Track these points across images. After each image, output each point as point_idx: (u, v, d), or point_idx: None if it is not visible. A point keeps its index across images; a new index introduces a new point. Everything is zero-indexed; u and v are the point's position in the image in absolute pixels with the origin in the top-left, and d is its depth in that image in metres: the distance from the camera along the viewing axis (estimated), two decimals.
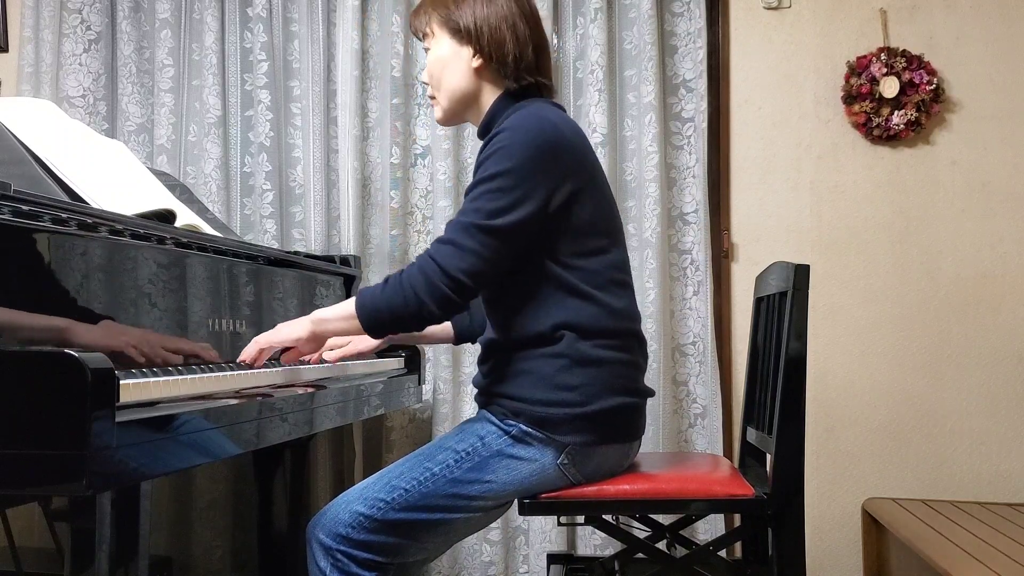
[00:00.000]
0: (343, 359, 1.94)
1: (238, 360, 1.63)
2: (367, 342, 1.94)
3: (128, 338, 1.51)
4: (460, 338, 2.00)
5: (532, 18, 1.67)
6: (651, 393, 1.67)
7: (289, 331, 1.61)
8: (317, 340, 1.62)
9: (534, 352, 1.57)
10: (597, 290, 1.57)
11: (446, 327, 1.99)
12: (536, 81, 1.66)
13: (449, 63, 1.66)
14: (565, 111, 1.68)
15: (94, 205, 1.65)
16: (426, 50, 1.72)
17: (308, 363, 1.86)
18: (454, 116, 1.72)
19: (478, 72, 1.65)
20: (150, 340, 1.57)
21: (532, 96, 1.66)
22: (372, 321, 1.54)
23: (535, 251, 1.56)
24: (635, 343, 1.63)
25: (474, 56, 1.64)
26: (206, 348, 1.74)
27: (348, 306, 1.57)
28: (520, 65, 1.63)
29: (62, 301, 1.39)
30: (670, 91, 2.76)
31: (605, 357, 1.57)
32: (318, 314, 1.61)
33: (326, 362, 1.87)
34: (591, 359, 1.55)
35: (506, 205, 1.50)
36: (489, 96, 1.67)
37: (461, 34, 1.64)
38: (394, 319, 1.53)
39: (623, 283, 1.62)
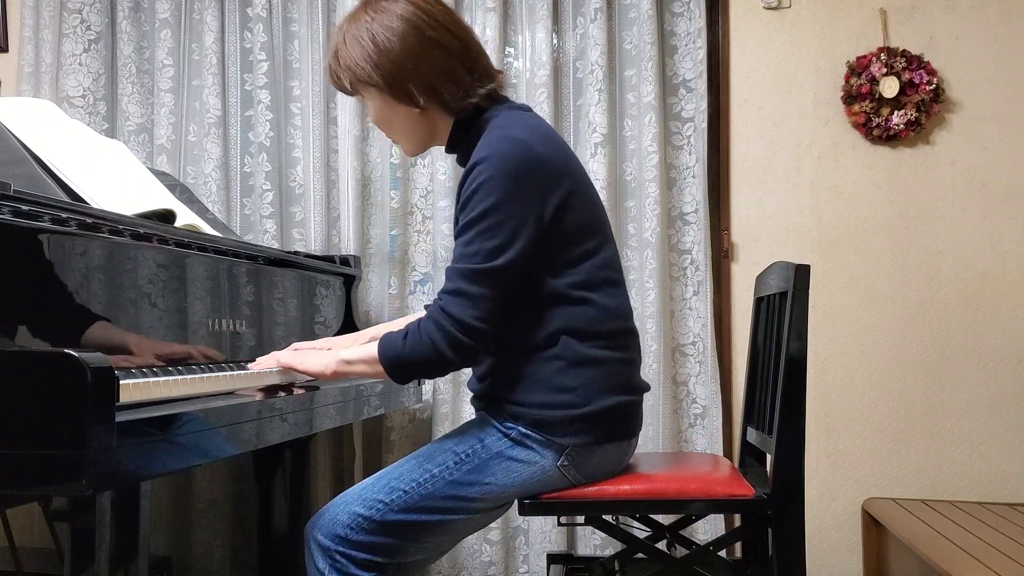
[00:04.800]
0: None
1: (250, 368, 1.64)
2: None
3: (128, 338, 1.51)
4: None
5: (441, 30, 1.56)
6: (647, 388, 1.67)
7: (313, 365, 1.62)
8: (335, 379, 1.65)
9: (530, 356, 1.56)
10: (590, 292, 1.56)
11: None
12: (480, 97, 1.58)
13: (391, 116, 1.62)
14: (530, 110, 1.65)
15: (94, 205, 1.65)
16: (361, 100, 1.66)
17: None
18: (419, 150, 1.70)
19: (423, 113, 1.60)
20: (150, 341, 1.57)
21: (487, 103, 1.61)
22: (396, 371, 1.55)
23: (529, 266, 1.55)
24: (630, 340, 1.63)
25: (411, 106, 1.59)
26: (206, 349, 1.74)
27: (372, 351, 1.56)
28: (459, 94, 1.57)
29: (62, 301, 1.39)
30: (670, 91, 2.76)
31: (601, 357, 1.56)
32: (344, 355, 1.60)
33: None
34: (588, 359, 1.55)
35: (502, 242, 1.49)
36: (446, 122, 1.63)
37: (385, 93, 1.57)
38: (416, 370, 1.54)
39: (614, 281, 1.62)
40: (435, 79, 1.56)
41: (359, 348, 1.60)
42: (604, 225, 1.63)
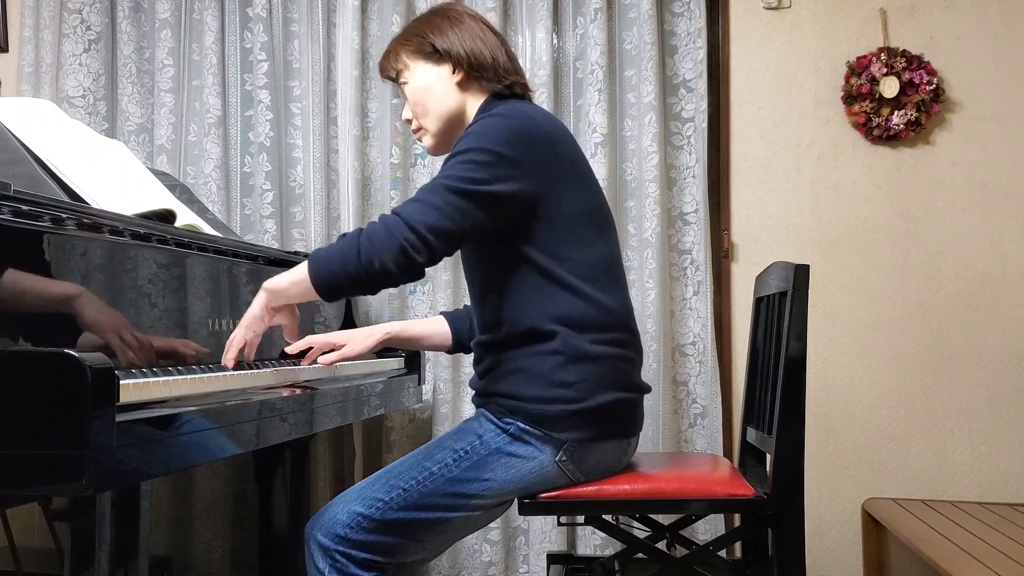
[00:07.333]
0: (340, 361, 1.90)
1: (223, 364, 1.62)
2: (363, 343, 1.88)
3: (128, 338, 1.51)
4: (458, 345, 1.99)
5: (494, 31, 1.73)
6: (647, 389, 1.67)
7: (249, 312, 1.58)
8: (280, 311, 1.58)
9: (529, 349, 1.57)
10: (586, 283, 1.57)
11: (444, 331, 1.98)
12: (516, 81, 1.70)
13: (431, 86, 1.68)
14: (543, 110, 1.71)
15: (94, 205, 1.65)
16: (403, 85, 1.72)
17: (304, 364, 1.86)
18: (446, 140, 1.71)
19: (461, 86, 1.68)
20: (150, 340, 1.57)
21: (514, 98, 1.70)
22: (323, 280, 1.49)
23: (520, 242, 1.56)
24: (629, 338, 1.63)
25: (455, 71, 1.67)
26: (206, 349, 1.74)
27: (301, 268, 1.52)
28: (499, 66, 1.67)
29: (62, 301, 1.39)
30: (670, 91, 2.76)
31: (600, 353, 1.57)
32: (270, 283, 1.56)
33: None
34: (586, 355, 1.56)
35: (480, 177, 1.50)
36: (475, 103, 1.69)
37: (438, 55, 1.67)
38: (347, 276, 1.47)
39: (614, 277, 1.62)
40: (485, 50, 1.67)
41: (290, 270, 1.55)
42: (607, 222, 1.65)
